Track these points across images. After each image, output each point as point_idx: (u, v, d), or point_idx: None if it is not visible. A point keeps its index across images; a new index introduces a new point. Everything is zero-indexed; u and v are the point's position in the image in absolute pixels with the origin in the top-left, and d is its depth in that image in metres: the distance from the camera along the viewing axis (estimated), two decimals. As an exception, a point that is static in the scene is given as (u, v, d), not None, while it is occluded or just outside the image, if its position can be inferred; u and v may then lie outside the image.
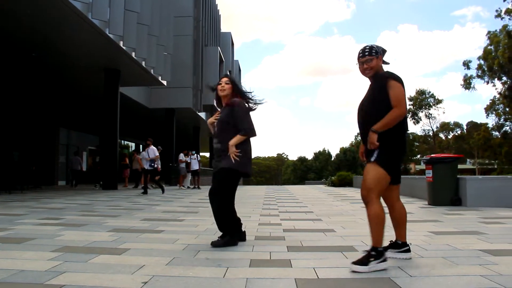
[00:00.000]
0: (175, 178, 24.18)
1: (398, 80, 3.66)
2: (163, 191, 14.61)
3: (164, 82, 20.73)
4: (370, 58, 3.73)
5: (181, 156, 20.09)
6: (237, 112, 4.50)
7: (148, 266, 3.49)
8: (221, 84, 4.64)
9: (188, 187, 20.16)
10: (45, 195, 12.58)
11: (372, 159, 3.62)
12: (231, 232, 4.55)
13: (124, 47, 15.30)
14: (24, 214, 7.35)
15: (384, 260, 3.44)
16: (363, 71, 3.80)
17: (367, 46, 3.80)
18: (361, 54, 3.79)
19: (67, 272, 3.26)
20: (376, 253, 3.43)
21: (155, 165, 14.50)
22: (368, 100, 3.78)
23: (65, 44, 14.49)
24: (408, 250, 3.84)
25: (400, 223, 3.95)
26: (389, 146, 3.61)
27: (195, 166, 19.97)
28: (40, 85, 19.03)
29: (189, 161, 19.83)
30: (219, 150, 4.57)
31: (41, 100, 21.38)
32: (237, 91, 4.67)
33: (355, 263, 3.39)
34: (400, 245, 3.85)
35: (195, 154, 20.32)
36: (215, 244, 4.43)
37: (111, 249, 4.22)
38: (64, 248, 4.21)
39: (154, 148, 14.70)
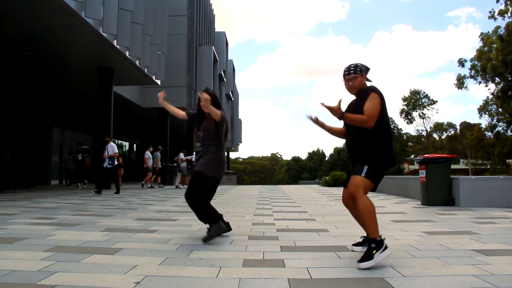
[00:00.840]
0: (169, 178, 24.20)
1: (378, 93, 3.80)
2: (118, 191, 13.89)
3: (158, 82, 20.67)
4: (355, 76, 3.88)
5: (181, 155, 20.12)
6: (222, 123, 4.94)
7: (140, 266, 3.48)
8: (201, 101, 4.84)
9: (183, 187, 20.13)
10: (38, 195, 12.51)
11: (363, 174, 3.71)
12: (215, 220, 4.82)
13: (118, 46, 15.24)
14: (17, 214, 7.30)
15: (386, 248, 3.53)
16: (349, 88, 3.95)
17: (352, 64, 3.94)
18: (346, 72, 3.93)
19: (59, 272, 3.25)
20: (375, 244, 3.54)
21: (114, 163, 13.91)
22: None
23: (58, 42, 14.41)
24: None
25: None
26: (379, 163, 3.78)
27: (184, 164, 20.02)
28: (33, 84, 18.94)
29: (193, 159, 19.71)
30: (200, 152, 4.98)
31: (35, 99, 21.27)
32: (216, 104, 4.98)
33: (360, 261, 3.46)
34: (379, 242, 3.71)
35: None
36: (207, 238, 4.58)
37: (104, 249, 4.20)
38: (56, 248, 4.19)
39: (114, 145, 14.13)
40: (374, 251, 3.48)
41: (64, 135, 27.19)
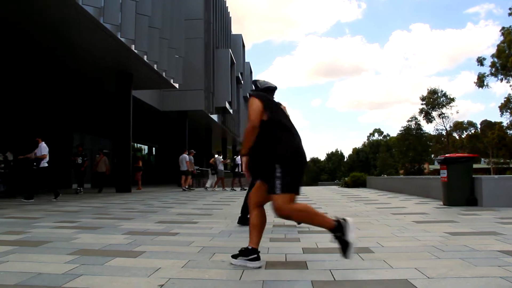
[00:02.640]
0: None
1: (255, 95, 3.71)
2: (56, 196, 12.79)
3: (176, 85, 20.82)
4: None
5: (220, 158, 20.38)
6: None
7: (164, 269, 3.50)
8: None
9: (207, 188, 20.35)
10: (60, 198, 12.67)
11: (278, 191, 3.42)
12: None
13: (135, 51, 15.39)
14: (40, 218, 7.41)
15: (257, 259, 3.58)
16: None
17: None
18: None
19: (84, 275, 3.28)
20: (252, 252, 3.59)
21: (41, 165, 12.84)
22: None
23: (77, 48, 14.60)
24: (257, 258, 3.58)
25: (256, 229, 3.66)
26: (287, 170, 3.48)
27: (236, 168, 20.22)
28: (53, 90, 19.22)
29: (238, 163, 20.00)
30: None
31: (55, 105, 21.57)
32: None
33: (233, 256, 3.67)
34: (250, 251, 3.59)
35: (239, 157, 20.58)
36: None
37: (127, 252, 4.23)
38: (80, 251, 4.24)
39: (45, 146, 13.15)
40: (245, 256, 3.56)
41: (84, 139, 27.50)
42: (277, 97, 4.16)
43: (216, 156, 20.60)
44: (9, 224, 6.43)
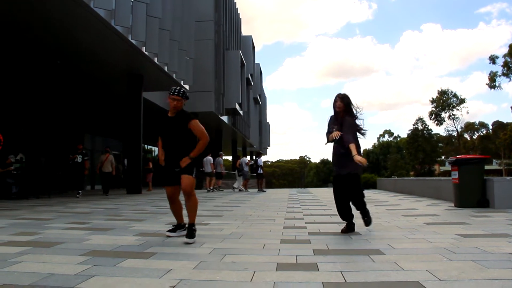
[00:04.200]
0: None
1: (195, 119, 5.26)
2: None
3: (187, 87, 20.86)
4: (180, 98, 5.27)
5: (245, 159, 20.66)
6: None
7: (175, 270, 3.52)
8: (337, 101, 5.69)
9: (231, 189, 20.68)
10: (72, 200, 12.77)
11: (193, 174, 5.17)
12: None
13: (146, 53, 15.47)
14: (52, 219, 7.47)
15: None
16: (174, 107, 5.22)
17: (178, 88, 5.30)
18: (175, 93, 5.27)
19: (96, 276, 3.31)
20: (195, 227, 5.07)
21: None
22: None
23: (89, 50, 14.70)
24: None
25: (180, 213, 5.52)
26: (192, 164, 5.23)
27: (260, 170, 20.43)
28: (65, 92, 19.37)
29: (260, 164, 20.41)
30: (344, 155, 5.52)
31: (66, 106, 21.73)
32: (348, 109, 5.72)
33: (187, 237, 4.91)
34: (182, 226, 5.47)
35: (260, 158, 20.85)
36: (369, 222, 5.81)
37: (138, 253, 4.26)
38: (92, 252, 4.27)
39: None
40: (195, 232, 5.03)
41: (95, 141, 27.69)
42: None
43: (242, 158, 20.81)
44: (22, 225, 6.50)
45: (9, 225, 6.52)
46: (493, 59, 44.92)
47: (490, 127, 71.08)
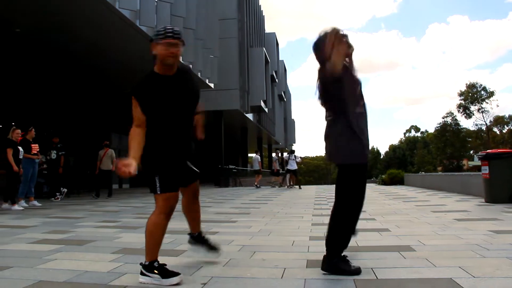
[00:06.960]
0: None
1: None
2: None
3: (212, 85, 20.96)
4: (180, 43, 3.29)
5: (292, 156, 21.01)
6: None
7: (206, 268, 3.54)
8: None
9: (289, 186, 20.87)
10: (100, 199, 12.98)
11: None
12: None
13: (171, 52, 15.56)
14: (83, 217, 7.61)
15: None
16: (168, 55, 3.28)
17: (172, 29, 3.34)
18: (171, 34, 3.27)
19: (128, 274, 3.36)
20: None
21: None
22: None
23: (114, 50, 14.90)
24: None
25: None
26: None
27: (293, 165, 20.46)
28: (91, 91, 19.69)
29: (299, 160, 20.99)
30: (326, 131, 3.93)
31: (94, 106, 22.09)
32: None
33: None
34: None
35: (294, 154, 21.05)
36: None
37: (169, 251, 4.30)
38: (123, 250, 4.34)
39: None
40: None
41: (122, 140, 28.05)
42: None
43: (285, 154, 21.06)
44: (54, 224, 6.65)
45: (42, 224, 6.68)
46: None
47: (521, 120, 69.29)
